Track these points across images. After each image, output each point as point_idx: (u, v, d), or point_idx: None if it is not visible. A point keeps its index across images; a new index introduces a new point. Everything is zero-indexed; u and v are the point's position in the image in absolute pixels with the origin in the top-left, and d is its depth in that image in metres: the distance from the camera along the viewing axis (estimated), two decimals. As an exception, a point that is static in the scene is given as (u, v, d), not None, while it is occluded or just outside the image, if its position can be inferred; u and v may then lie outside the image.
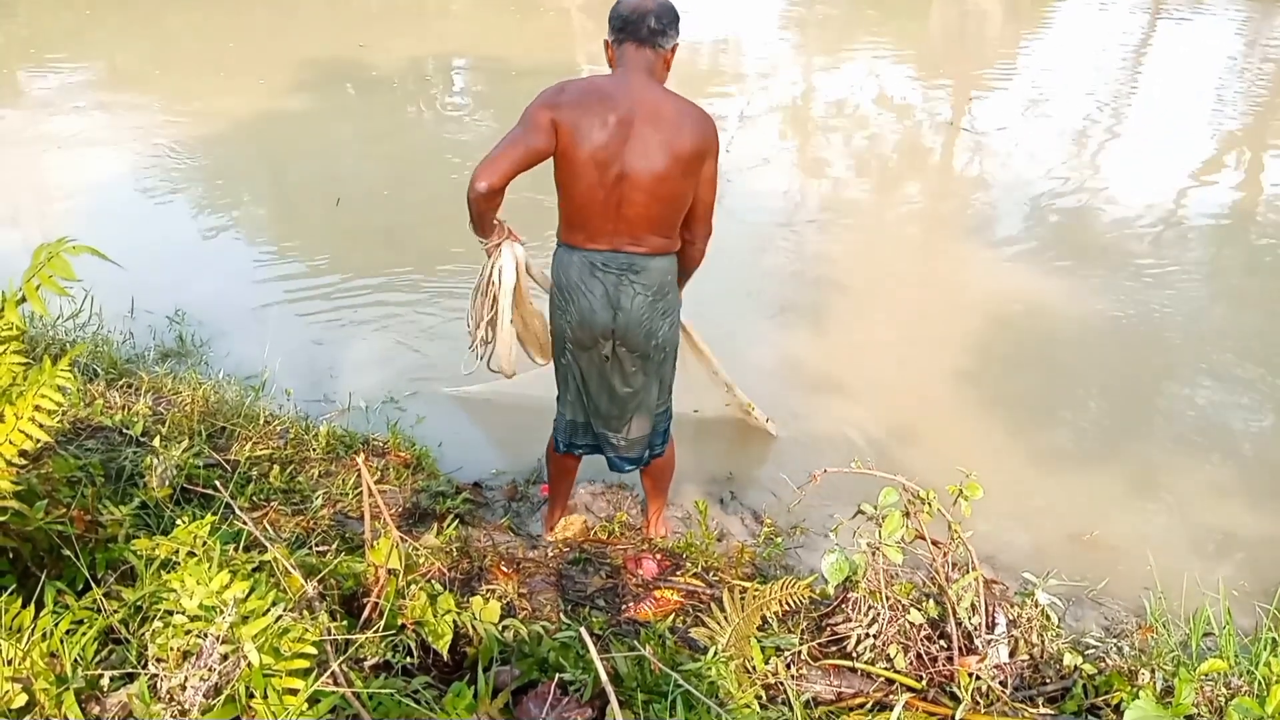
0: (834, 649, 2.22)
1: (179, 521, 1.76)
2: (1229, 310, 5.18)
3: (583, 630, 1.62)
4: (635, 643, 2.13)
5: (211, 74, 8.84)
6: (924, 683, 2.11)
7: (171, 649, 1.47)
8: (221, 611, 1.45)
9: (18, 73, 9.09)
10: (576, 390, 2.94)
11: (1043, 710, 2.08)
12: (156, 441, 2.65)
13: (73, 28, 10.57)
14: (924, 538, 2.20)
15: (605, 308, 2.70)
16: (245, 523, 1.88)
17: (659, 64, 2.66)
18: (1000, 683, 2.10)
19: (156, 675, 1.47)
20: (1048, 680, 2.16)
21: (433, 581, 2.02)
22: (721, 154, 2.75)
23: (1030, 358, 4.64)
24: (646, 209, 2.61)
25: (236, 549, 1.84)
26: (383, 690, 1.61)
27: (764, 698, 1.96)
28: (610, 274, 2.68)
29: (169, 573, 1.59)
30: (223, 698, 1.43)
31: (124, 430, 2.99)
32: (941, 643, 2.17)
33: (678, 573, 2.91)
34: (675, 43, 2.68)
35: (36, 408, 1.69)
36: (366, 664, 1.70)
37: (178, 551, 1.68)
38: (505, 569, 2.73)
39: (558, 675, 1.82)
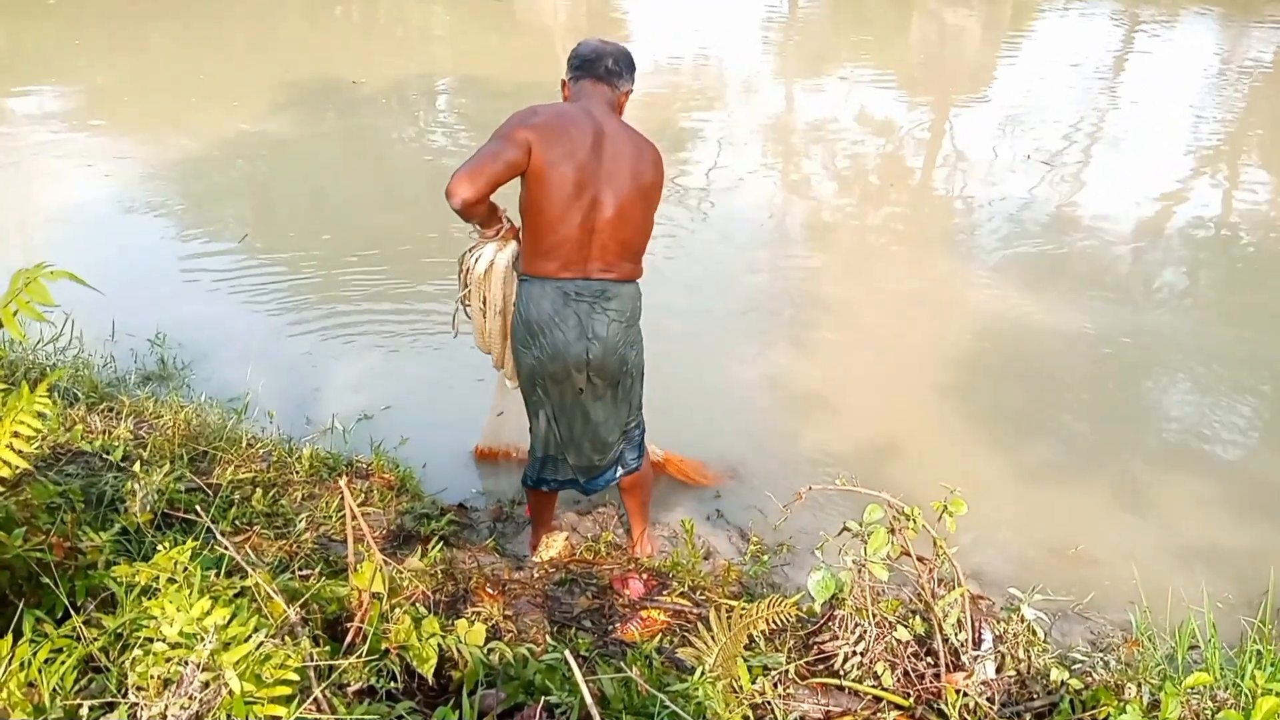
0: (821, 667, 2.22)
1: (160, 547, 1.74)
2: (1209, 325, 5.23)
3: (568, 653, 1.61)
4: (622, 664, 2.12)
5: (193, 95, 8.82)
6: (911, 700, 2.11)
7: (152, 677, 1.45)
8: (202, 639, 1.44)
9: (-2, 96, 9.06)
10: (547, 423, 2.92)
11: (1030, 726, 2.08)
12: (137, 466, 2.63)
13: (54, 49, 10.53)
14: (909, 554, 2.20)
15: (579, 338, 2.70)
16: (227, 548, 1.86)
17: (615, 102, 2.80)
18: (987, 699, 2.09)
19: (137, 704, 1.45)
20: (1035, 696, 2.16)
21: (417, 605, 2.01)
22: (703, 174, 2.82)
23: (1014, 374, 4.66)
24: (618, 233, 2.67)
25: (218, 574, 1.82)
26: (367, 716, 1.60)
27: (751, 718, 1.96)
28: (583, 302, 2.69)
29: (149, 600, 1.57)
30: (204, 726, 1.41)
31: (104, 455, 2.96)
32: (928, 659, 2.17)
33: (664, 592, 2.91)
34: (629, 88, 2.83)
35: (15, 434, 1.67)
36: (350, 690, 1.68)
37: (158, 578, 1.66)
38: (491, 591, 2.71)
39: (544, 698, 1.80)
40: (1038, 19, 13.20)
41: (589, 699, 1.46)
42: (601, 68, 2.76)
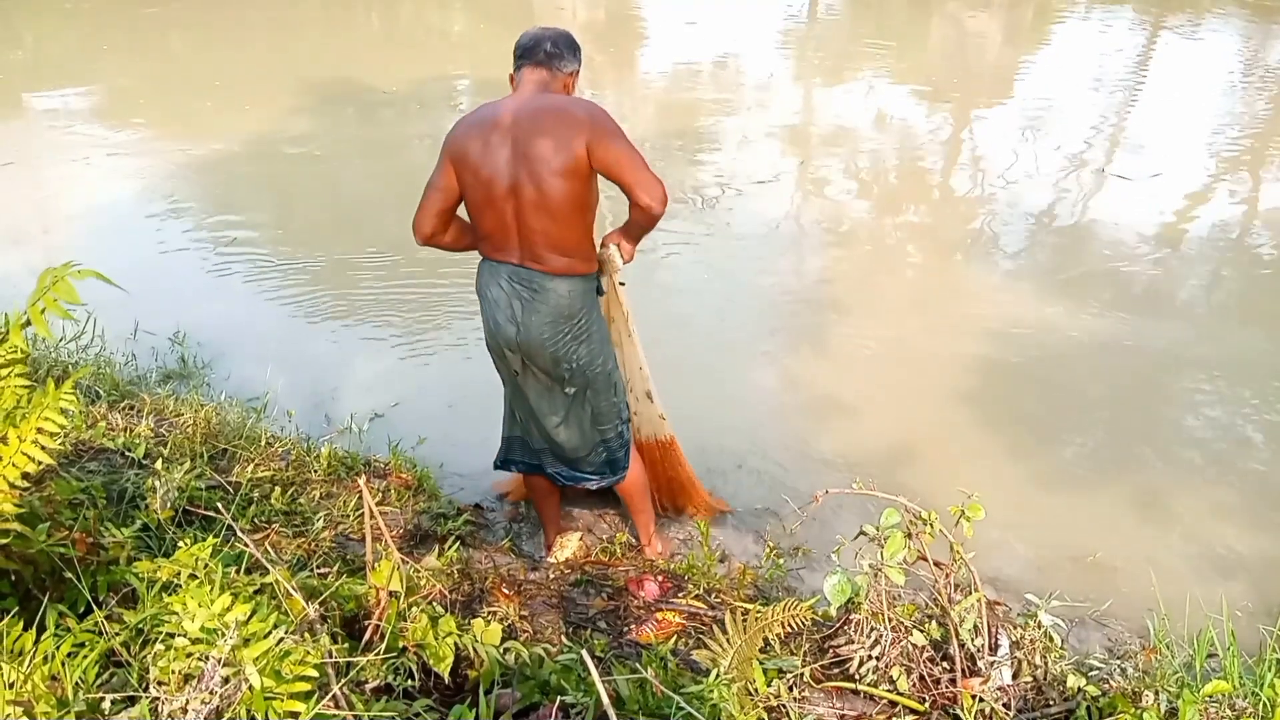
0: (836, 671, 2.21)
1: (181, 544, 1.76)
2: (1230, 333, 5.18)
3: (584, 653, 1.62)
4: (637, 665, 2.12)
5: (214, 98, 8.89)
6: (927, 705, 2.10)
7: (173, 672, 1.47)
8: (223, 634, 1.45)
9: (22, 97, 9.15)
10: (507, 401, 3.00)
11: (1046, 733, 2.07)
12: (158, 463, 2.65)
13: (78, 52, 10.65)
14: (926, 559, 2.20)
15: (509, 321, 2.74)
16: (247, 545, 1.88)
17: (555, 85, 2.71)
18: (1004, 705, 2.09)
19: (158, 698, 1.46)
20: (1051, 702, 2.15)
21: (434, 604, 2.02)
22: (721, 177, 2.78)
23: (1032, 379, 4.64)
24: (542, 223, 2.62)
25: (238, 571, 1.84)
26: (384, 713, 1.61)
27: (766, 720, 1.96)
28: (513, 287, 2.71)
29: (170, 595, 1.59)
30: (224, 721, 1.43)
31: (126, 452, 2.99)
32: (944, 664, 2.17)
33: (680, 594, 2.91)
34: (572, 69, 2.75)
35: (39, 430, 1.69)
36: (368, 687, 1.69)
37: (179, 574, 1.68)
38: (506, 591, 2.72)
39: (559, 698, 1.81)
40: (1058, 23, 13.12)
41: (606, 699, 1.46)
42: (540, 52, 2.70)
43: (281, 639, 1.50)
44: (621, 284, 2.97)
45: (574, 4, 13.48)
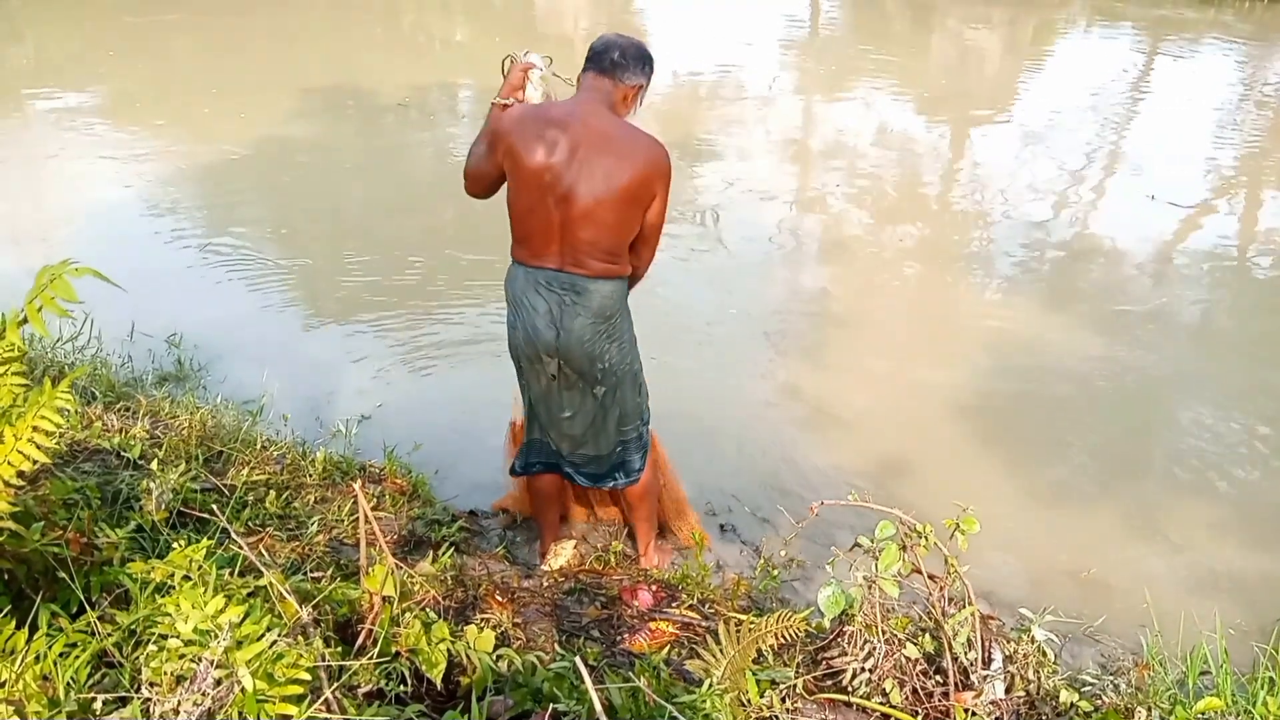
0: (829, 683, 2.21)
1: (175, 545, 1.76)
2: (1226, 350, 5.20)
3: (578, 660, 1.62)
4: (630, 674, 2.12)
5: (214, 101, 8.90)
6: (920, 718, 2.10)
7: (165, 673, 1.46)
8: (216, 636, 1.45)
9: (22, 96, 9.15)
10: (530, 408, 2.98)
11: (1039, 747, 2.07)
12: (154, 465, 2.65)
13: (78, 53, 10.66)
14: (920, 572, 2.20)
15: (549, 326, 2.74)
16: (241, 547, 1.88)
17: (617, 96, 2.70)
18: (996, 719, 2.08)
19: (150, 699, 1.46)
20: (1044, 717, 2.15)
21: (427, 610, 2.02)
22: (720, 188, 2.78)
23: (1027, 394, 4.65)
24: (589, 233, 2.63)
25: (232, 574, 1.83)
26: (376, 718, 1.60)
27: (759, 731, 1.95)
28: (554, 293, 2.71)
29: (164, 597, 1.58)
30: (215, 723, 1.42)
31: (121, 453, 2.99)
32: (937, 678, 2.16)
33: (673, 604, 2.91)
34: (640, 83, 2.73)
35: (35, 429, 1.69)
36: (360, 691, 1.69)
37: (173, 575, 1.67)
38: (500, 598, 2.72)
39: (552, 706, 1.81)
40: (1058, 40, 13.19)
41: (599, 707, 1.46)
42: (607, 60, 2.68)
43: (274, 642, 1.50)
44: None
45: (576, 12, 13.54)
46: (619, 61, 2.68)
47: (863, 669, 2.17)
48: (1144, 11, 13.66)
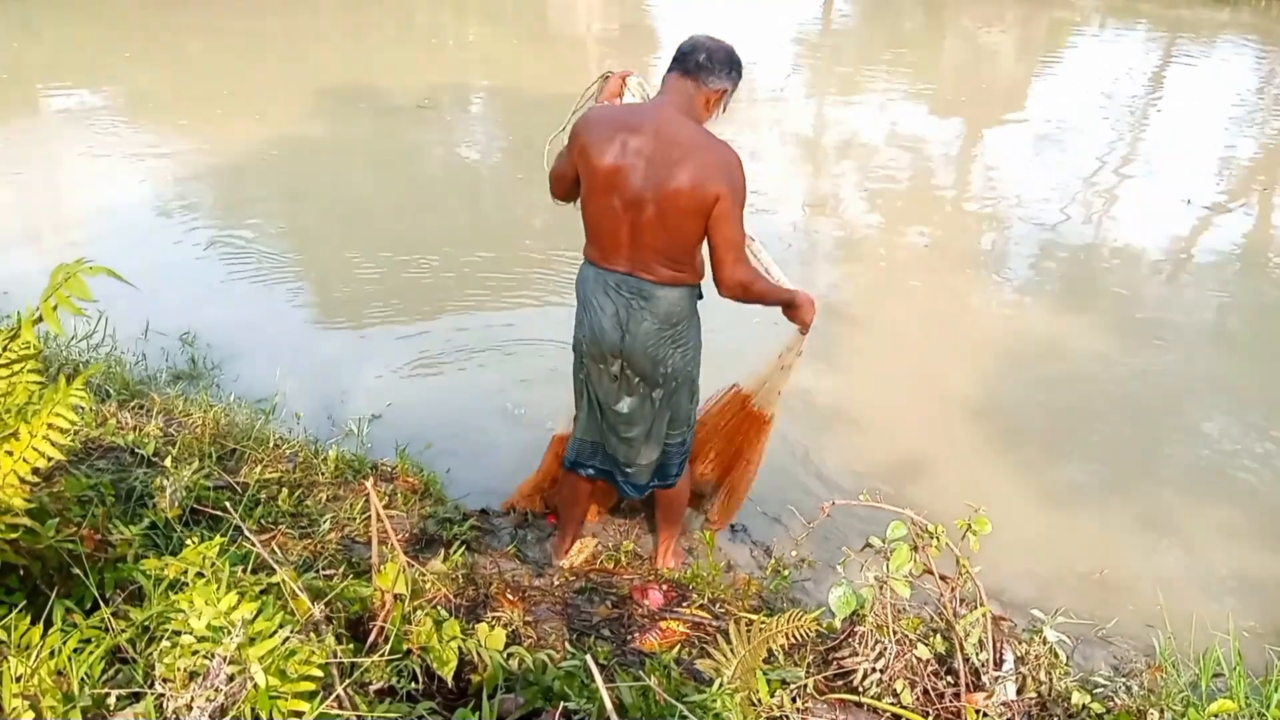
0: (840, 683, 2.21)
1: (188, 542, 1.77)
2: (1239, 351, 5.17)
3: (589, 659, 1.62)
4: (640, 673, 2.12)
5: (228, 99, 8.94)
6: (931, 719, 2.10)
7: (178, 669, 1.47)
8: (229, 632, 1.45)
9: (39, 95, 9.21)
10: (589, 407, 2.95)
11: (1050, 749, 2.06)
12: (167, 462, 2.66)
13: (95, 51, 10.71)
14: (932, 572, 2.19)
15: (615, 327, 2.72)
16: (254, 545, 1.88)
17: (699, 99, 2.63)
18: (1007, 720, 2.08)
19: (163, 695, 1.47)
20: (1055, 718, 2.14)
21: (438, 608, 2.02)
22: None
23: (1040, 395, 4.63)
24: (655, 239, 2.61)
25: (245, 571, 1.84)
26: (387, 715, 1.61)
27: (769, 731, 1.95)
28: (622, 296, 2.70)
29: (177, 593, 1.59)
30: (229, 718, 1.43)
31: (135, 450, 3.00)
32: (948, 679, 2.16)
33: (684, 604, 2.91)
34: (724, 87, 2.65)
35: (50, 426, 1.70)
36: (371, 688, 1.69)
37: (186, 572, 1.68)
38: (511, 597, 2.72)
39: (562, 704, 1.81)
40: (1072, 39, 13.13)
41: (609, 705, 1.46)
42: (692, 61, 2.61)
43: (287, 638, 1.50)
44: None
45: (589, 13, 13.54)
46: (704, 64, 2.62)
47: (874, 669, 2.16)
48: (1159, 10, 13.59)
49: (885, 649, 2.17)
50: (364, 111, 8.80)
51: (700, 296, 2.83)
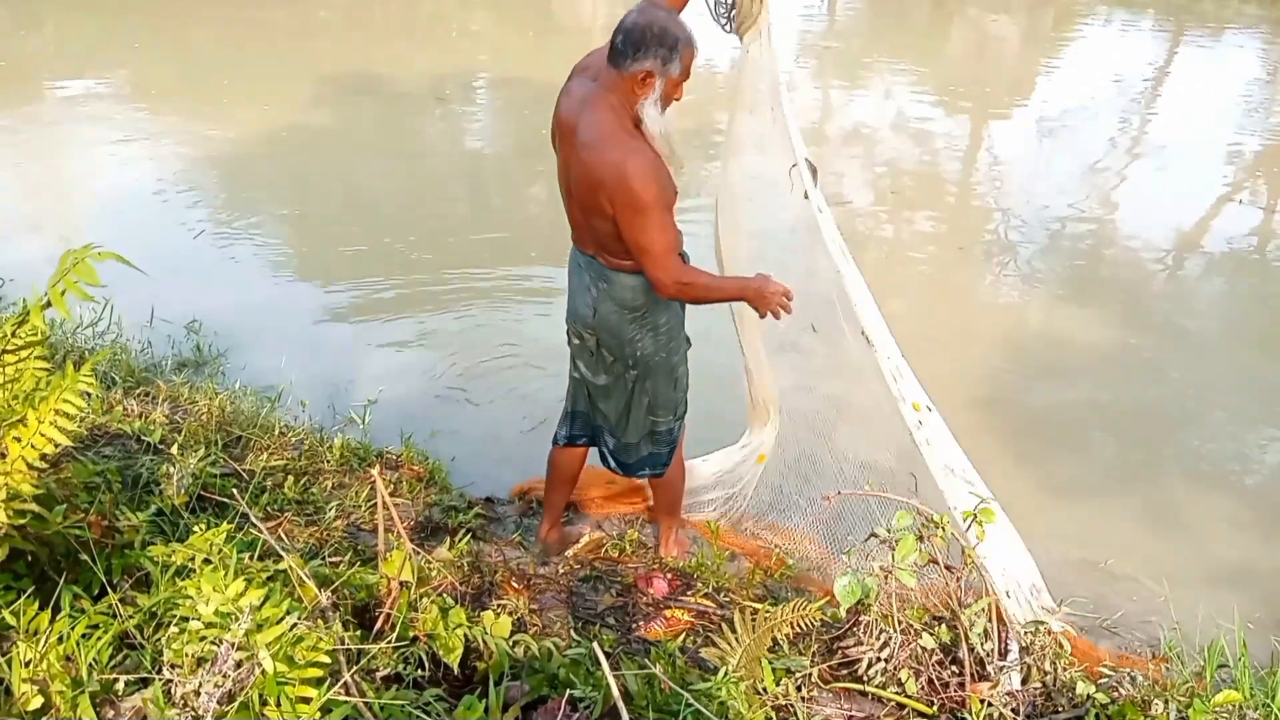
0: (845, 672, 2.21)
1: (195, 529, 1.77)
2: (1246, 342, 5.16)
3: (595, 646, 1.62)
4: (646, 661, 2.12)
5: (233, 88, 8.91)
6: (935, 708, 2.10)
7: (186, 655, 1.48)
8: (237, 619, 1.46)
9: (43, 83, 9.20)
10: (575, 379, 3.00)
11: (1055, 739, 2.07)
12: (174, 449, 2.67)
13: (98, 41, 10.69)
14: (937, 562, 2.20)
15: (586, 305, 2.76)
16: (261, 532, 1.89)
17: (623, 86, 2.43)
18: (1012, 710, 2.08)
19: (171, 681, 1.47)
20: (1060, 708, 2.15)
21: (444, 595, 2.03)
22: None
23: (1045, 387, 4.63)
24: (587, 221, 2.62)
25: (251, 558, 1.85)
26: (394, 701, 1.62)
27: (774, 719, 1.96)
28: (588, 275, 2.73)
29: (184, 579, 1.60)
30: (236, 704, 1.43)
31: (141, 438, 3.01)
32: (953, 668, 2.16)
33: (689, 592, 2.91)
34: (646, 69, 2.40)
35: (57, 412, 1.70)
36: (378, 675, 1.70)
37: (194, 558, 1.69)
38: (516, 585, 2.73)
39: (568, 691, 1.82)
40: (1079, 28, 13.07)
41: (616, 692, 1.47)
42: (612, 44, 2.42)
43: (294, 625, 1.51)
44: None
45: (595, 3, 13.48)
46: (619, 48, 2.40)
47: (878, 659, 2.17)
48: (1166, 0, 13.53)
49: (890, 638, 2.17)
50: (369, 100, 8.78)
51: None
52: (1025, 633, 2.27)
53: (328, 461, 3.34)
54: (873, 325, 2.74)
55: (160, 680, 1.49)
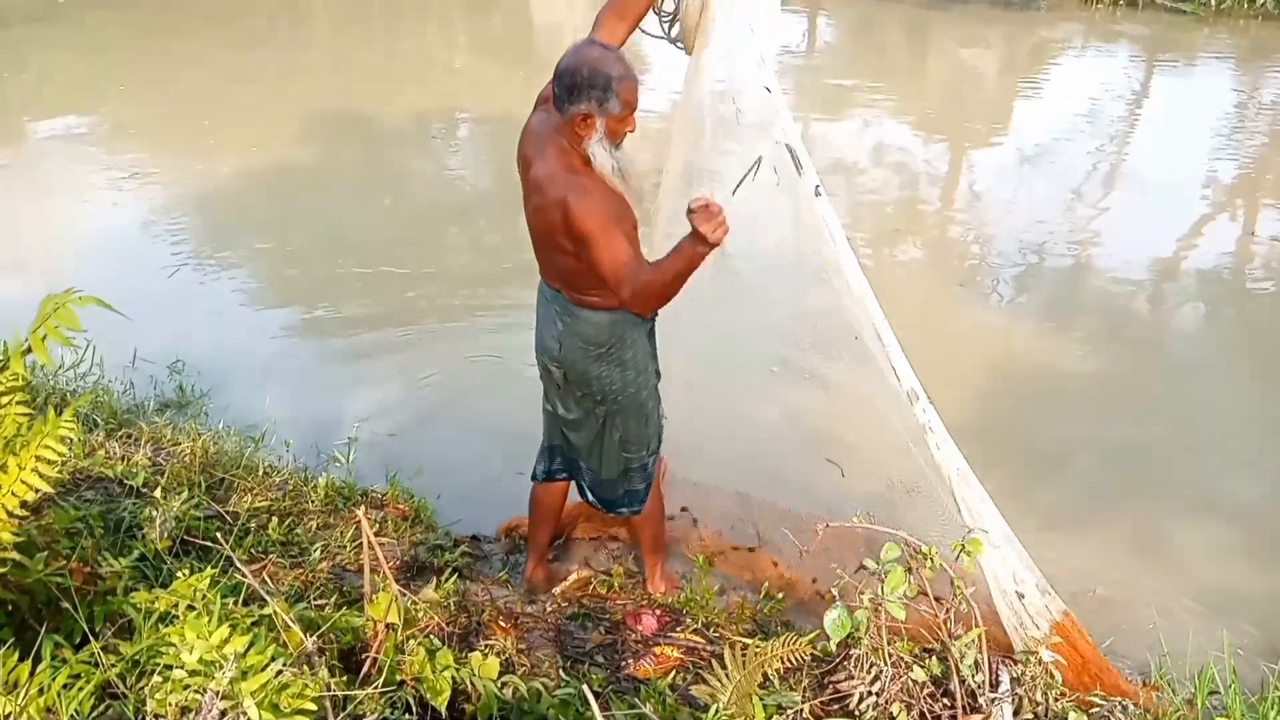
0: (836, 707, 2.20)
1: (178, 574, 1.76)
2: (1232, 371, 5.19)
3: (584, 687, 1.61)
4: (635, 700, 2.11)
5: (217, 129, 8.91)
6: (928, 742, 2.09)
7: (170, 704, 1.46)
8: (221, 666, 1.44)
9: (25, 122, 9.19)
10: (548, 411, 2.99)
11: (1048, 771, 2.06)
12: (156, 493, 2.64)
13: (82, 81, 10.68)
14: (926, 594, 2.19)
15: (552, 339, 2.77)
16: (245, 575, 1.87)
17: (566, 129, 2.46)
18: (1005, 742, 2.07)
19: (153, 731, 1.45)
20: (1053, 740, 2.14)
21: (431, 636, 2.01)
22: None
23: (1029, 414, 4.64)
24: (548, 259, 2.69)
25: (236, 602, 1.83)
26: (381, 747, 1.60)
27: (766, 757, 1.94)
28: (554, 306, 2.74)
29: (168, 626, 1.58)
30: (220, 755, 1.41)
31: (124, 481, 2.98)
32: (945, 700, 2.15)
33: (678, 628, 2.89)
34: (583, 111, 2.40)
35: (39, 458, 1.69)
36: (365, 720, 1.68)
37: (177, 604, 1.67)
38: (504, 624, 2.71)
39: (558, 733, 1.80)
40: (1055, 58, 13.23)
41: (605, 734, 1.45)
42: (555, 88, 2.44)
43: (280, 671, 1.49)
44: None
45: (576, 30, 13.58)
46: (557, 92, 2.43)
47: (870, 692, 2.16)
48: (1139, 30, 13.72)
49: (881, 672, 2.16)
50: (353, 138, 8.80)
51: (646, 321, 2.78)
52: (1016, 663, 2.27)
53: (312, 502, 3.32)
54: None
55: (143, 731, 1.47)
